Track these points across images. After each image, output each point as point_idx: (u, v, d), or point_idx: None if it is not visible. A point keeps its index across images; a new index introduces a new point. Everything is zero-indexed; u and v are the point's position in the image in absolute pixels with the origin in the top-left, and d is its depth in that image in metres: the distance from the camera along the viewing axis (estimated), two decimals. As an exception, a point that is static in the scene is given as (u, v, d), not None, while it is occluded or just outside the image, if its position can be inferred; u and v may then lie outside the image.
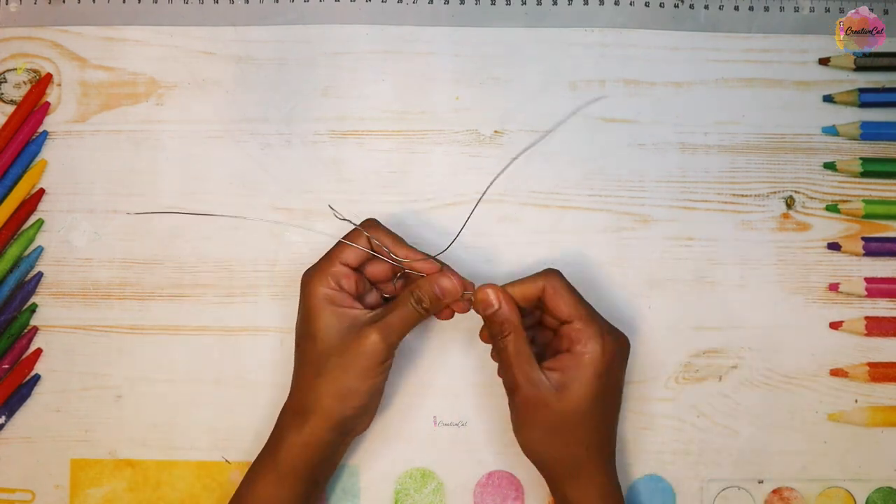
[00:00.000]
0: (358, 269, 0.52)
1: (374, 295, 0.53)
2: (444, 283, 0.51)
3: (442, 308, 0.52)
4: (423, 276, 0.51)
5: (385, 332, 0.50)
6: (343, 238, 0.52)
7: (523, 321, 0.51)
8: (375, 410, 0.53)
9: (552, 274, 0.52)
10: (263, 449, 0.52)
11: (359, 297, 0.52)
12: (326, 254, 0.52)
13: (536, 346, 0.53)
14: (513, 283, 0.51)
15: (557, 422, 0.50)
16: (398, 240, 0.52)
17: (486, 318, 0.51)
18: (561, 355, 0.50)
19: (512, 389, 0.51)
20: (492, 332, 0.51)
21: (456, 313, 0.52)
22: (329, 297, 0.50)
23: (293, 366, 0.52)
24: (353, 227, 0.52)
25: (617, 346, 0.51)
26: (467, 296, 0.51)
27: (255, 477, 0.51)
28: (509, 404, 0.51)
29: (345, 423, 0.51)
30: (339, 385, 0.50)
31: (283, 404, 0.52)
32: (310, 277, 0.51)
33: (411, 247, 0.52)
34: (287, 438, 0.51)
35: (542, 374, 0.50)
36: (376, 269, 0.53)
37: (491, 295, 0.50)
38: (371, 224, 0.52)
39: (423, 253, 0.52)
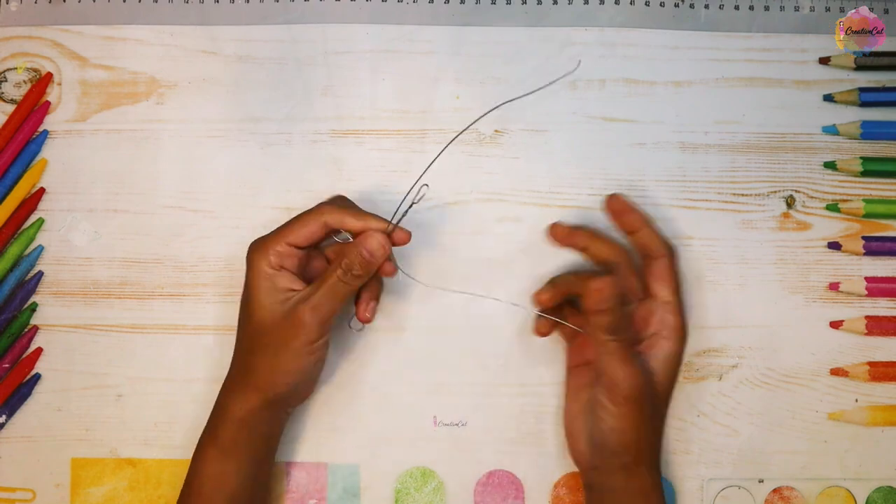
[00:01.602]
0: (308, 248, 0.51)
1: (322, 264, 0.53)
2: (370, 244, 0.50)
3: (374, 270, 0.51)
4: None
5: (314, 311, 0.49)
6: (303, 214, 0.51)
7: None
8: (314, 386, 0.54)
9: (671, 247, 0.53)
10: (204, 428, 0.52)
11: (305, 273, 0.52)
12: (277, 229, 0.51)
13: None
14: (644, 224, 0.54)
15: (654, 403, 0.51)
16: (359, 213, 0.51)
17: (598, 312, 0.49)
18: (652, 339, 0.52)
19: (624, 380, 0.49)
20: (608, 326, 0.49)
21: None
22: (267, 276, 0.50)
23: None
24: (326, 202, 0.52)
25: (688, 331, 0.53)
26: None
27: (199, 455, 0.51)
28: (608, 397, 0.50)
29: (279, 399, 0.51)
30: (275, 363, 0.50)
31: None
32: (253, 251, 0.51)
33: (371, 214, 0.51)
34: (224, 415, 0.51)
35: (644, 360, 0.52)
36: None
37: (608, 291, 0.50)
38: (329, 207, 0.51)
39: (379, 217, 0.51)
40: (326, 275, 0.50)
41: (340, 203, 0.52)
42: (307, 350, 0.50)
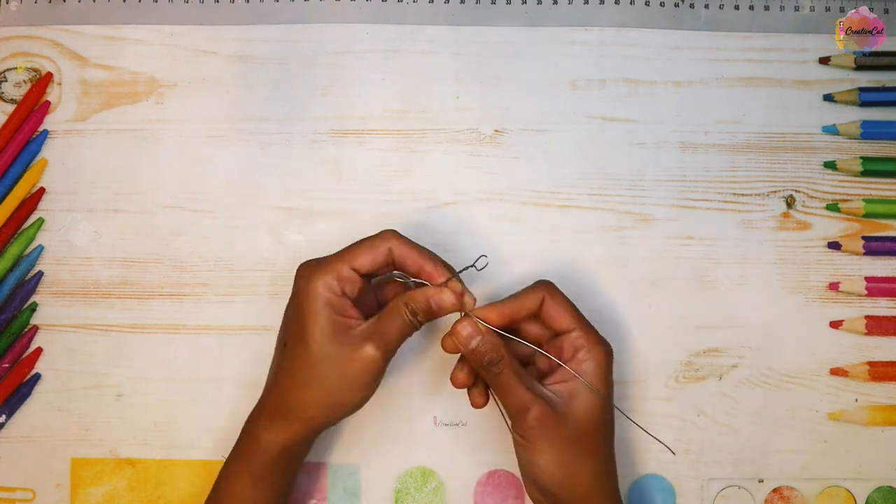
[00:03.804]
0: (369, 276, 0.49)
1: (370, 299, 0.51)
2: (443, 299, 0.48)
3: (433, 317, 0.49)
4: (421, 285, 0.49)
5: (382, 345, 0.47)
6: (368, 239, 0.49)
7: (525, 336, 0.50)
8: None
9: (547, 287, 0.50)
10: (235, 448, 0.50)
11: (356, 304, 0.49)
12: (338, 253, 0.49)
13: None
14: (507, 301, 0.50)
15: (572, 437, 0.48)
16: (422, 251, 0.49)
17: (468, 353, 0.49)
18: (561, 368, 0.49)
19: (521, 412, 0.48)
20: (478, 364, 0.48)
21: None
22: (329, 302, 0.47)
23: (272, 360, 0.51)
24: (387, 231, 0.49)
25: (610, 352, 0.50)
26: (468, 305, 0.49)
27: (229, 477, 0.50)
28: (517, 431, 0.49)
29: (327, 428, 0.50)
30: (330, 397, 0.48)
31: None
32: (311, 273, 0.48)
33: (435, 256, 0.49)
34: (263, 439, 0.49)
35: (542, 391, 0.48)
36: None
37: (468, 329, 0.48)
38: (394, 235, 0.49)
39: (446, 265, 0.49)
40: (392, 309, 0.48)
41: (401, 236, 0.49)
42: (371, 385, 0.48)
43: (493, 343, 0.48)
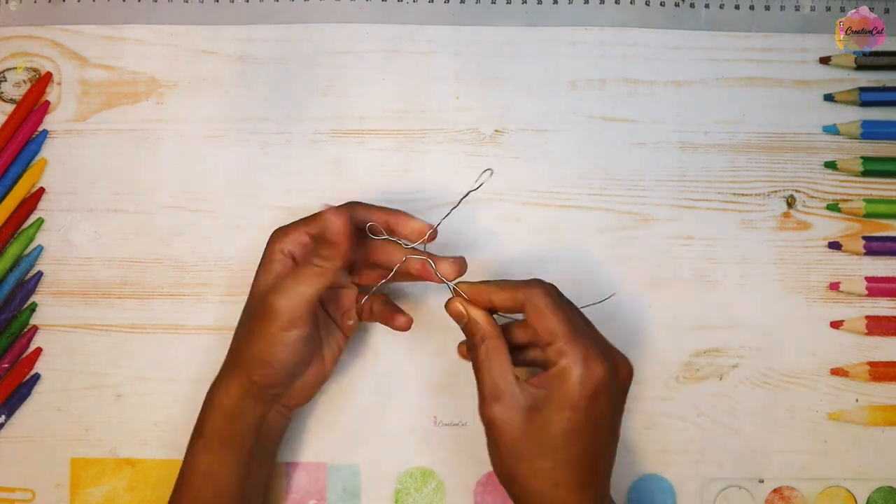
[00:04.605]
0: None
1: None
2: (334, 221, 0.48)
3: (342, 253, 0.48)
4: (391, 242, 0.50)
5: (282, 295, 0.48)
6: (327, 205, 0.50)
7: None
8: (311, 389, 0.52)
9: (534, 289, 0.47)
10: (202, 411, 0.51)
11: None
12: (302, 219, 0.51)
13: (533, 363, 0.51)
14: (492, 285, 0.49)
15: (522, 444, 0.46)
16: (389, 209, 0.51)
17: (463, 329, 0.49)
18: (542, 374, 0.47)
19: (480, 399, 0.47)
20: (467, 339, 0.49)
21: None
22: (273, 260, 0.50)
23: None
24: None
25: (606, 372, 0.46)
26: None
27: (188, 448, 0.51)
28: (483, 418, 0.47)
29: (262, 389, 0.50)
30: (253, 348, 0.49)
31: None
32: (272, 235, 0.51)
33: (401, 211, 0.51)
34: (210, 404, 0.50)
35: (516, 386, 0.46)
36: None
37: (457, 309, 0.49)
38: (353, 203, 0.51)
39: (409, 215, 0.51)
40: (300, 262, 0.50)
41: (362, 203, 0.51)
42: (281, 339, 0.48)
43: (475, 325, 0.48)
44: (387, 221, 0.50)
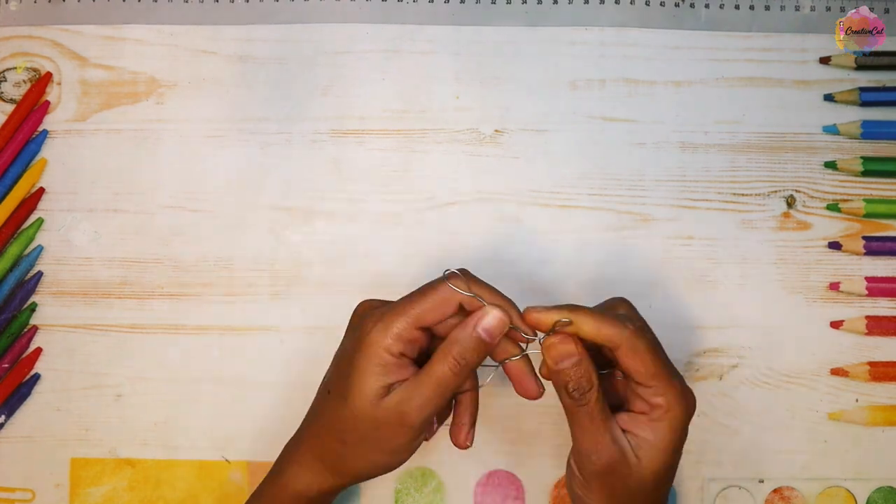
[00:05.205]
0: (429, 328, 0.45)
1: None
2: (488, 322, 0.42)
3: (489, 353, 0.43)
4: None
5: (421, 410, 0.43)
6: (437, 289, 0.44)
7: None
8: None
9: (630, 330, 0.43)
10: (258, 491, 0.49)
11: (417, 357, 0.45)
12: (402, 303, 0.44)
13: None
14: (587, 317, 0.43)
15: (635, 489, 0.44)
16: (491, 289, 0.44)
17: (556, 372, 0.43)
18: (635, 416, 0.44)
19: (593, 452, 0.43)
20: (566, 385, 0.43)
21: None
22: (384, 363, 0.43)
23: (314, 399, 0.49)
24: (450, 272, 0.44)
25: (691, 407, 0.45)
26: (521, 333, 0.43)
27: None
28: (577, 465, 0.44)
29: (356, 483, 0.48)
30: (365, 456, 0.45)
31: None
32: (372, 327, 0.43)
33: (506, 298, 0.45)
34: (288, 489, 0.47)
35: (625, 440, 0.43)
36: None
37: (568, 347, 0.42)
38: (464, 274, 0.44)
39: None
40: (434, 366, 0.43)
41: (471, 277, 0.45)
42: (409, 448, 0.45)
43: (587, 368, 0.43)
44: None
